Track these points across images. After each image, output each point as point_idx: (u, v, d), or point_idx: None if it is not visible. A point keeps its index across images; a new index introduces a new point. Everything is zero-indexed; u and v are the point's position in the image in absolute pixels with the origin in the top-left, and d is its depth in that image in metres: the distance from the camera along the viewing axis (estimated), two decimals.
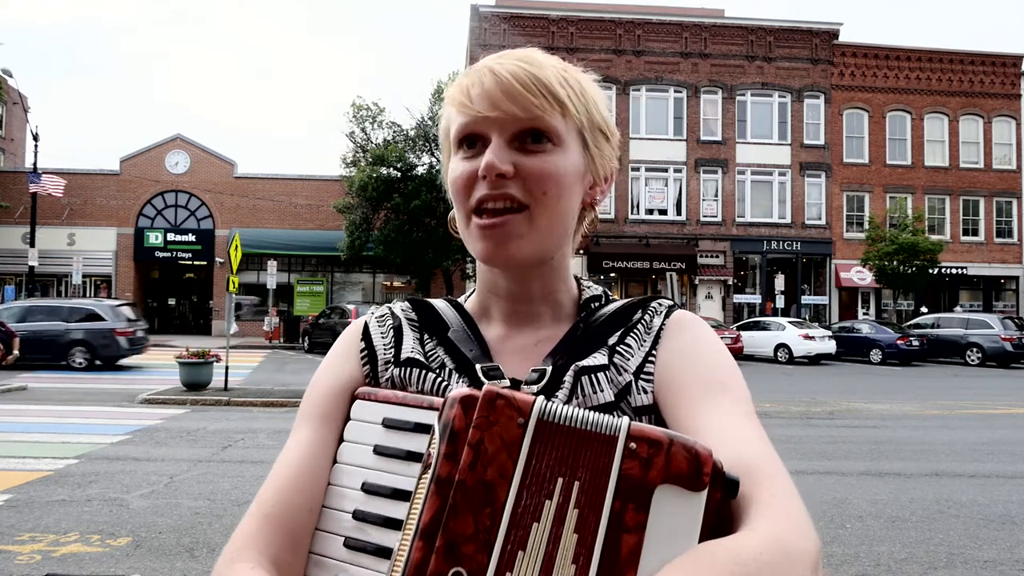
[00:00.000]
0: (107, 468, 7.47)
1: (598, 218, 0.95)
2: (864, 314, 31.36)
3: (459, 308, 0.95)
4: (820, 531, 0.70)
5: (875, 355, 24.36)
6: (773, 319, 26.19)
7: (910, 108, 32.20)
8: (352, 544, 0.77)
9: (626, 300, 0.93)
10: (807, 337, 24.34)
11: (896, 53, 32.28)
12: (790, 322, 25.54)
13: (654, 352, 0.86)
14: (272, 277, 27.76)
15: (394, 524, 0.74)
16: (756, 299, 31.29)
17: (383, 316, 0.95)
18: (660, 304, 0.91)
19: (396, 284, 31.98)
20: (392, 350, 0.90)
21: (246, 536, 0.79)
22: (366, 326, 0.94)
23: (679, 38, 31.36)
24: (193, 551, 4.98)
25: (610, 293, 0.97)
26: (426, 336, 0.91)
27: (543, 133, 0.81)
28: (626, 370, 0.85)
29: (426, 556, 0.63)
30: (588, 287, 0.97)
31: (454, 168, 0.85)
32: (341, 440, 0.83)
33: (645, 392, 0.84)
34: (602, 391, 0.83)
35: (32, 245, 26.97)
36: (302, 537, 0.79)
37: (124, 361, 18.42)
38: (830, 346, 24.46)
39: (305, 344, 25.31)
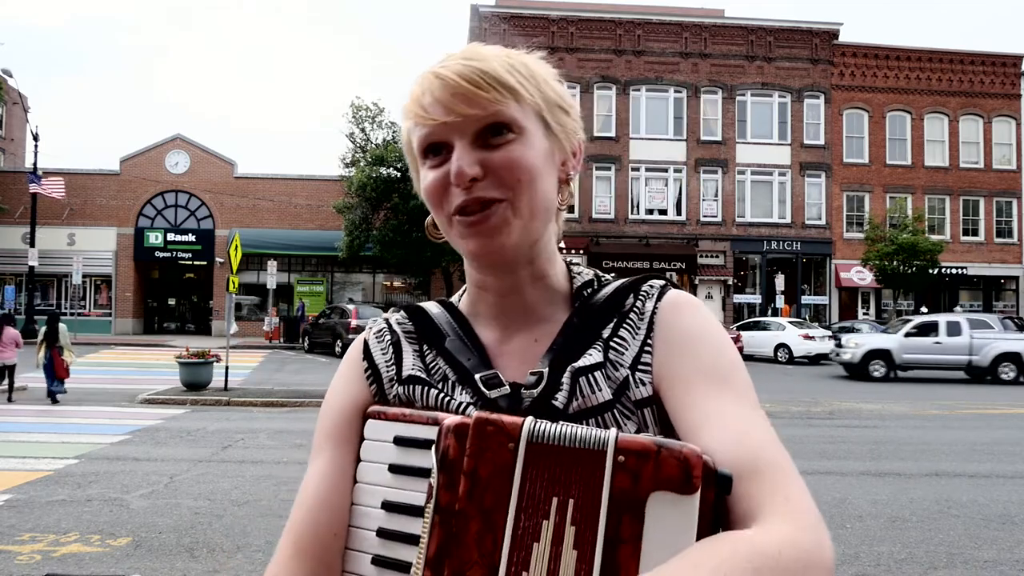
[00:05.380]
0: (107, 468, 7.47)
1: (573, 193, 0.93)
2: (864, 314, 31.36)
3: (453, 311, 0.94)
4: None
5: None
6: (773, 319, 26.19)
7: (910, 108, 32.21)
8: (379, 561, 0.79)
9: (617, 284, 0.91)
10: (807, 337, 24.35)
11: (896, 53, 32.28)
12: (790, 322, 25.54)
13: (649, 341, 0.84)
14: (272, 277, 27.77)
15: (416, 540, 0.76)
16: (756, 299, 31.30)
17: (381, 331, 0.94)
18: (652, 286, 0.89)
19: (396, 284, 31.98)
20: (394, 367, 0.90)
21: (280, 567, 0.82)
22: (366, 344, 0.93)
23: (679, 38, 31.36)
24: (193, 551, 4.98)
25: (602, 275, 0.95)
26: (425, 347, 0.91)
27: (503, 125, 0.81)
28: (622, 364, 0.83)
29: None
30: (578, 273, 0.95)
31: (424, 178, 0.85)
32: (359, 460, 0.85)
33: (643, 384, 0.82)
34: (600, 390, 0.82)
35: (32, 245, 26.98)
36: (333, 560, 0.82)
37: None
38: (830, 346, 24.44)
39: (305, 344, 25.30)
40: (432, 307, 0.96)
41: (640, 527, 0.63)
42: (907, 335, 19.55)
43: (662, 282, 0.90)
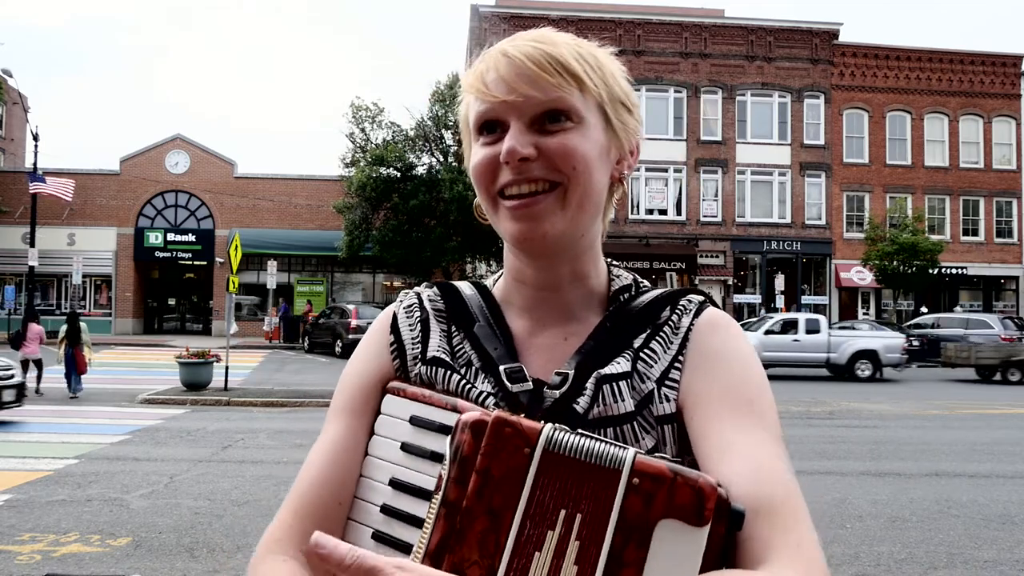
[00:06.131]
0: (107, 468, 7.47)
1: (626, 193, 0.91)
2: (864, 314, 31.34)
3: (486, 295, 0.92)
4: (820, 531, 0.71)
5: None
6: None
7: (910, 108, 32.19)
8: (379, 537, 0.79)
9: (656, 294, 0.89)
10: None
11: (896, 53, 32.27)
12: None
13: (680, 357, 0.82)
14: (272, 277, 27.76)
15: (418, 522, 0.76)
16: (756, 299, 31.30)
17: (411, 307, 0.93)
18: (690, 301, 0.86)
19: (396, 284, 31.97)
20: (419, 345, 0.88)
21: (280, 529, 0.82)
22: (395, 318, 0.92)
23: (679, 38, 31.35)
24: (193, 551, 4.98)
25: (641, 281, 0.93)
26: (453, 329, 0.89)
27: (561, 112, 0.80)
28: (649, 377, 0.81)
29: None
30: (618, 276, 0.93)
31: (475, 154, 0.83)
32: (373, 433, 0.84)
33: (668, 400, 0.80)
34: (623, 400, 0.80)
35: (32, 245, 26.96)
36: (334, 529, 0.80)
37: None
38: None
39: (305, 344, 25.32)
40: (466, 288, 0.94)
41: (645, 553, 0.62)
42: (767, 333, 19.68)
43: (701, 298, 0.88)
